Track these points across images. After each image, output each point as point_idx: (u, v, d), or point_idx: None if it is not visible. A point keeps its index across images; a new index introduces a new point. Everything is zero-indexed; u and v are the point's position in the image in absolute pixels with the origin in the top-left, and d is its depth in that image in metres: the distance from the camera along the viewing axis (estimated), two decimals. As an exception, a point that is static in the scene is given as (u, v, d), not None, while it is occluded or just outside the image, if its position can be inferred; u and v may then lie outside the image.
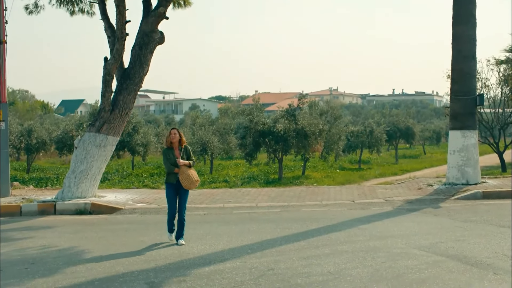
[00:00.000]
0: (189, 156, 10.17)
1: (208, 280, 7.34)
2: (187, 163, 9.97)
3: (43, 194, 16.26)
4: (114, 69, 14.98)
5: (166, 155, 10.07)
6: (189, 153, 10.22)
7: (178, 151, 10.05)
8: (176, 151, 10.05)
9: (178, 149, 10.08)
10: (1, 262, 8.66)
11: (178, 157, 9.96)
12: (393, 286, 6.95)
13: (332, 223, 11.62)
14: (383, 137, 32.96)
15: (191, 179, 9.85)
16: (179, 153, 10.02)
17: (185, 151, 10.11)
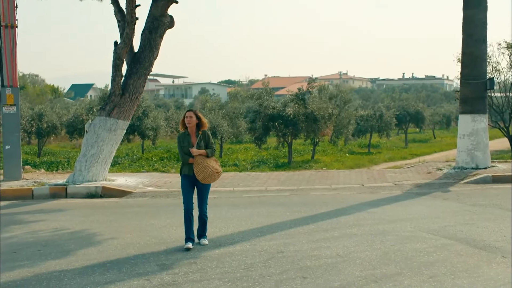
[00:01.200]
0: (207, 143, 8.58)
1: (218, 262, 7.42)
2: (203, 153, 8.40)
3: (55, 177, 16.39)
4: (124, 53, 15.02)
5: (180, 141, 8.64)
6: (208, 139, 8.62)
7: (194, 137, 8.56)
8: (193, 137, 8.56)
9: (195, 134, 8.57)
10: (15, 244, 8.78)
11: (195, 144, 8.49)
12: (402, 268, 7.01)
13: (341, 206, 11.67)
14: (392, 121, 32.93)
15: (208, 172, 8.32)
16: (195, 140, 8.54)
17: (203, 137, 8.54)
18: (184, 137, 8.61)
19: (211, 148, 8.55)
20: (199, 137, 8.54)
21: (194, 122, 8.52)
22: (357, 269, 6.99)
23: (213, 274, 6.93)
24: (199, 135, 8.55)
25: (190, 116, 8.57)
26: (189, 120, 8.52)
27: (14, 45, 15.59)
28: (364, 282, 6.50)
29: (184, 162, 8.54)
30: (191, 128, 8.54)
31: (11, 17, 15.50)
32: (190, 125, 8.51)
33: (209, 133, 8.63)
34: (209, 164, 8.38)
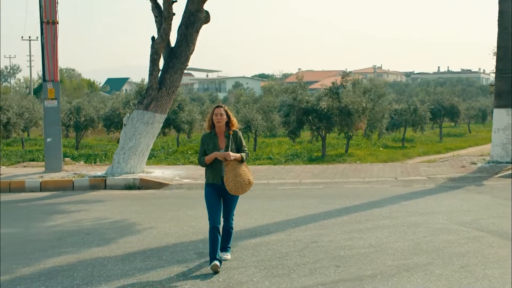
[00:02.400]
0: (240, 146, 7.27)
1: (254, 251, 7.68)
2: (238, 157, 7.09)
3: (93, 169, 16.82)
4: (161, 48, 15.34)
5: (204, 143, 7.26)
6: (240, 142, 7.30)
7: (223, 138, 7.21)
8: (221, 138, 7.22)
9: (224, 135, 7.22)
10: (59, 232, 9.16)
11: (222, 147, 7.17)
12: (433, 258, 7.18)
13: (375, 199, 11.83)
14: (427, 115, 32.76)
15: (239, 181, 7.01)
16: (224, 142, 7.20)
17: (234, 140, 7.23)
18: (210, 138, 7.24)
19: (245, 152, 7.26)
20: (230, 139, 7.20)
21: (224, 121, 7.18)
22: (389, 259, 7.18)
23: (249, 262, 7.19)
24: (229, 136, 7.21)
25: (220, 114, 7.17)
26: (219, 119, 7.14)
27: (55, 41, 16.03)
28: (396, 271, 6.69)
29: (207, 167, 7.26)
30: (220, 128, 7.19)
31: (52, 14, 15.93)
32: (220, 124, 7.15)
33: (241, 134, 7.36)
34: (241, 172, 7.07)
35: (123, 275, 6.71)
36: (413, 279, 6.41)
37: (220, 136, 7.23)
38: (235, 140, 7.26)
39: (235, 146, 7.24)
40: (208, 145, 7.23)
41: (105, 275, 6.71)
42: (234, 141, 7.24)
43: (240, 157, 7.13)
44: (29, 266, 7.15)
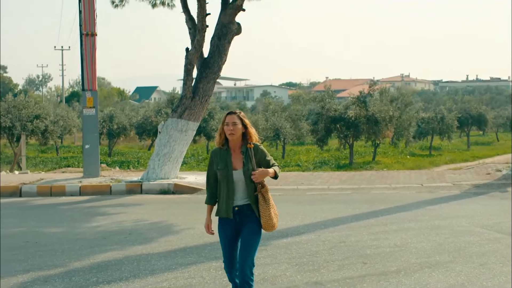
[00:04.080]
0: (264, 162, 5.51)
1: (286, 250, 8.24)
2: (271, 174, 5.43)
3: (129, 175, 17.51)
4: (195, 58, 16.00)
5: (214, 162, 5.56)
6: (264, 156, 5.53)
7: (239, 154, 5.48)
8: (236, 155, 5.49)
9: (239, 151, 5.50)
10: (103, 232, 9.82)
11: (238, 167, 5.44)
12: (454, 257, 7.67)
13: (400, 204, 12.31)
14: (454, 124, 32.99)
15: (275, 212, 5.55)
16: (240, 160, 5.46)
17: (255, 155, 5.47)
18: (221, 155, 5.51)
19: (275, 165, 5.60)
20: (247, 155, 5.45)
21: (240, 132, 5.46)
22: (413, 257, 7.69)
23: (282, 259, 7.74)
24: (247, 151, 5.46)
25: (233, 123, 5.44)
26: (232, 129, 5.42)
27: (94, 52, 16.79)
28: (419, 267, 7.20)
29: (219, 191, 5.54)
30: (234, 141, 5.48)
31: (91, 26, 16.70)
32: (234, 136, 5.44)
33: (263, 148, 5.59)
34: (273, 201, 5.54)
35: (166, 269, 7.32)
36: (434, 274, 6.92)
37: (234, 153, 5.50)
38: (258, 156, 5.49)
39: (258, 164, 5.48)
40: (218, 164, 5.47)
41: (150, 269, 7.32)
42: (256, 157, 5.48)
43: (273, 173, 5.47)
44: (80, 261, 7.80)
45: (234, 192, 5.45)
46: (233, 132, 5.43)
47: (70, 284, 6.80)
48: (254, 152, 5.50)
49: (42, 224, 10.55)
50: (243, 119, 5.52)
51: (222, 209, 5.54)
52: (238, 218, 5.46)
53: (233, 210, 5.45)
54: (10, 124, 22.41)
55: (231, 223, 5.49)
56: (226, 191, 5.47)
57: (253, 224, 5.44)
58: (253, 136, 5.55)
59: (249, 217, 5.45)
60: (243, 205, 5.45)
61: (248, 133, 5.53)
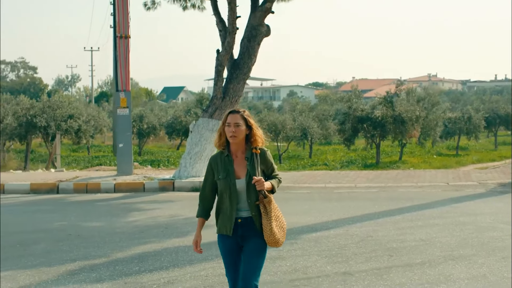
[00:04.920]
0: (269, 172, 4.97)
1: (316, 243, 8.64)
2: (268, 187, 4.81)
3: (161, 173, 18.04)
4: (225, 60, 16.45)
5: (213, 169, 4.96)
6: (271, 166, 4.98)
7: (243, 161, 4.89)
8: (239, 161, 4.91)
9: (243, 156, 4.91)
10: (140, 226, 10.32)
11: (241, 175, 4.87)
12: (477, 251, 8.02)
13: (426, 201, 12.62)
14: (481, 124, 33.04)
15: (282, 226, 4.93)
16: (244, 167, 4.87)
17: (262, 162, 4.91)
18: (222, 161, 4.92)
19: (276, 178, 4.97)
20: (253, 162, 4.86)
21: (243, 134, 4.86)
22: (437, 250, 8.05)
23: (312, 251, 8.15)
24: (253, 157, 4.88)
25: (236, 123, 4.83)
26: (234, 131, 4.82)
27: (128, 54, 17.33)
28: (443, 260, 7.57)
29: (217, 204, 5.01)
30: (237, 145, 4.90)
31: (125, 29, 17.25)
32: (236, 139, 4.85)
33: (270, 154, 5.01)
34: (279, 212, 4.94)
35: (203, 260, 7.78)
36: (457, 266, 7.29)
37: (237, 158, 4.91)
38: (264, 163, 4.92)
39: (263, 172, 4.92)
40: (219, 173, 4.88)
41: (188, 260, 7.79)
42: (261, 164, 4.90)
43: (271, 187, 4.85)
44: (121, 252, 8.30)
45: (237, 204, 4.85)
46: (235, 135, 4.80)
47: (114, 272, 7.30)
48: (261, 159, 4.89)
49: (82, 219, 11.08)
50: (247, 119, 4.87)
51: (223, 225, 4.94)
52: (241, 232, 4.85)
53: (235, 222, 4.86)
54: (45, 124, 23.10)
55: (233, 237, 4.91)
56: (229, 203, 4.85)
57: (257, 238, 4.82)
58: (258, 139, 4.89)
59: (253, 230, 4.84)
60: (248, 217, 4.84)
61: (252, 135, 4.88)
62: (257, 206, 4.78)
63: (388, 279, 6.81)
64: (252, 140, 4.88)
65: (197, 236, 5.12)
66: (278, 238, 4.78)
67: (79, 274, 7.23)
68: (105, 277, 7.12)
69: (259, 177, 4.72)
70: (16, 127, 23.33)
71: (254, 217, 4.81)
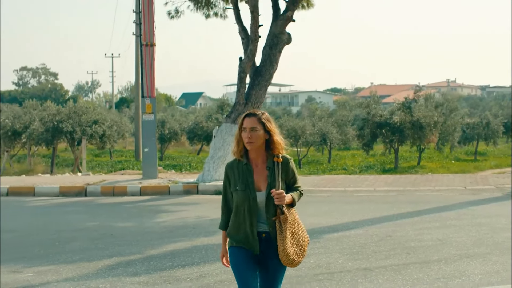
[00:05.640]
0: (291, 183, 4.59)
1: (337, 242, 9.10)
2: (287, 200, 4.41)
3: (185, 177, 18.57)
4: (248, 67, 16.96)
5: (230, 179, 4.58)
6: (293, 176, 4.58)
7: (263, 170, 4.50)
8: (259, 170, 4.50)
9: (265, 165, 4.51)
10: (169, 227, 10.83)
11: (261, 187, 4.48)
12: (492, 250, 8.44)
13: (444, 204, 13.03)
14: (500, 129, 33.24)
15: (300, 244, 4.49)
16: (265, 178, 4.48)
17: (284, 171, 4.50)
18: (240, 170, 4.53)
19: (298, 191, 4.60)
20: (274, 172, 4.45)
21: (261, 140, 4.46)
22: (453, 249, 8.48)
23: (334, 250, 8.61)
24: (274, 167, 4.46)
25: (252, 128, 4.45)
26: (250, 137, 4.43)
27: (153, 62, 17.90)
28: (458, 258, 8.00)
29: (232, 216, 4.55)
30: (256, 151, 4.50)
31: (150, 37, 17.82)
32: (253, 145, 4.45)
33: (293, 164, 4.59)
34: (298, 227, 4.52)
35: (231, 257, 8.25)
36: (472, 263, 7.71)
37: (257, 168, 4.50)
38: (286, 174, 4.50)
39: (285, 183, 4.52)
40: (236, 184, 4.49)
41: (217, 256, 8.25)
42: (283, 174, 4.48)
43: (291, 201, 4.47)
44: (154, 249, 8.81)
45: (258, 218, 4.44)
46: (251, 141, 4.39)
47: (149, 267, 7.81)
48: (283, 168, 4.45)
49: (112, 220, 11.63)
50: (265, 123, 4.44)
51: (241, 237, 4.46)
52: (263, 248, 4.43)
53: (260, 236, 4.43)
54: (71, 129, 23.73)
55: (248, 254, 4.45)
56: (248, 217, 4.41)
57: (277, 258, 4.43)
58: (278, 145, 4.47)
59: (273, 248, 4.42)
60: (267, 232, 4.44)
61: (272, 142, 4.45)
62: (274, 222, 4.40)
63: (406, 274, 7.26)
64: (271, 147, 4.46)
65: (224, 250, 4.69)
66: (292, 258, 4.34)
67: (116, 269, 7.75)
68: (141, 271, 7.63)
69: (280, 191, 4.33)
70: (43, 132, 23.97)
71: (271, 233, 4.41)
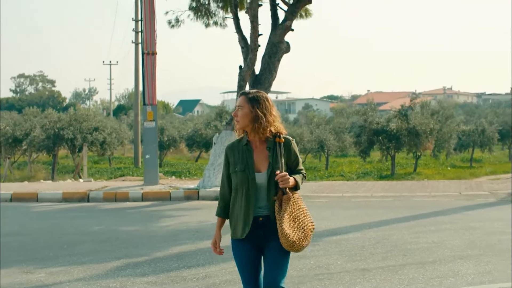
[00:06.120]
0: (294, 166, 4.49)
1: (336, 245, 9.44)
2: (291, 183, 4.31)
3: (185, 183, 18.90)
4: (248, 76, 17.33)
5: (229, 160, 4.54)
6: (296, 158, 4.49)
7: (264, 151, 4.40)
8: (259, 151, 4.42)
9: (266, 146, 4.40)
10: (172, 230, 11.16)
11: (262, 168, 4.39)
12: (484, 251, 8.80)
13: (439, 209, 13.38)
14: (495, 136, 33.64)
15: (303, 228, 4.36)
16: (265, 159, 4.39)
17: (286, 153, 4.41)
18: (240, 151, 4.45)
19: (301, 173, 4.49)
20: (273, 153, 4.35)
21: (247, 119, 4.37)
22: (447, 251, 8.83)
23: (333, 252, 8.96)
24: (275, 147, 4.35)
25: (239, 106, 4.42)
26: (236, 115, 4.46)
27: (154, 70, 18.26)
28: (452, 259, 8.35)
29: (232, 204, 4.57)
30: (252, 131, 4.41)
31: (152, 46, 18.18)
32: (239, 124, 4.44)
33: (295, 145, 4.49)
34: (301, 211, 4.38)
35: (235, 258, 8.59)
36: (465, 264, 8.06)
37: (257, 149, 4.38)
38: (288, 155, 4.38)
39: (287, 166, 4.39)
40: (236, 165, 4.39)
41: (221, 258, 8.54)
42: (285, 156, 4.36)
43: (294, 184, 4.34)
44: (160, 252, 9.14)
45: (256, 202, 4.34)
46: (237, 119, 4.36)
47: (156, 268, 8.14)
48: (285, 149, 4.32)
49: (117, 224, 11.96)
50: (252, 103, 4.30)
51: (239, 228, 4.43)
52: (262, 232, 4.35)
53: (257, 221, 4.35)
54: (72, 136, 24.05)
55: (253, 238, 4.40)
56: (245, 200, 4.33)
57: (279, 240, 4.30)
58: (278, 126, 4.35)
59: (275, 231, 4.30)
60: (268, 215, 4.35)
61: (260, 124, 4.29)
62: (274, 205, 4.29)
63: (403, 274, 7.60)
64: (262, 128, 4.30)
65: (216, 236, 4.68)
66: (292, 240, 4.18)
67: (125, 270, 8.07)
68: (148, 272, 7.95)
69: (284, 173, 4.22)
70: (44, 139, 24.29)
71: (271, 217, 4.33)
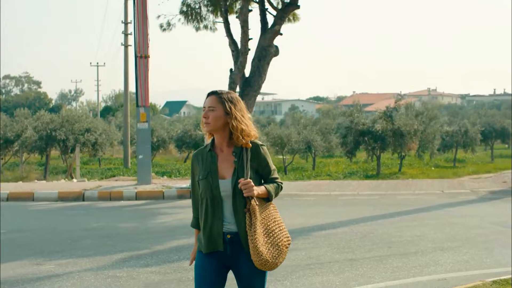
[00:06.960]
0: (265, 173, 4.00)
1: (325, 238, 10.05)
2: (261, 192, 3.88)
3: (177, 182, 19.44)
4: (238, 78, 17.91)
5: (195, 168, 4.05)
6: (266, 164, 3.98)
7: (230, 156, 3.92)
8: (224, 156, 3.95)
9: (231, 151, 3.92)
10: (169, 226, 11.72)
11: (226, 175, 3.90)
12: (463, 243, 9.46)
13: (422, 206, 14.04)
14: (477, 137, 34.40)
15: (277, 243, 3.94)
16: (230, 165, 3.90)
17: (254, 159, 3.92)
18: (204, 158, 4.00)
19: (275, 182, 4.02)
20: (242, 158, 3.89)
21: (220, 121, 3.88)
22: (429, 243, 9.48)
23: (323, 245, 9.56)
24: (241, 153, 3.89)
25: (210, 107, 3.88)
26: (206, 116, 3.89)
27: (147, 72, 18.78)
28: (433, 250, 8.99)
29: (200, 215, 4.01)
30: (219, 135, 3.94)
31: (145, 49, 18.71)
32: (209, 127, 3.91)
33: (266, 150, 3.99)
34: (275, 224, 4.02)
35: (231, 251, 9.17)
36: (445, 254, 8.70)
37: (222, 154, 3.95)
38: (257, 161, 3.92)
39: (255, 173, 3.93)
40: (200, 173, 3.94)
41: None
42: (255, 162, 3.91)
43: (265, 193, 3.91)
44: (160, 245, 9.70)
45: (222, 215, 3.85)
46: (207, 121, 3.84)
47: (158, 260, 8.70)
48: (253, 155, 3.86)
49: (115, 221, 12.50)
50: (225, 104, 3.83)
51: (206, 241, 3.88)
52: (230, 251, 3.85)
53: (224, 238, 3.84)
54: (64, 137, 24.49)
55: (219, 256, 3.89)
56: (211, 211, 3.84)
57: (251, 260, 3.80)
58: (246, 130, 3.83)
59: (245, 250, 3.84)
60: (236, 232, 3.85)
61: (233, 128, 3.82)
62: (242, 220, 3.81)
63: (387, 264, 8.21)
64: (235, 132, 3.82)
65: (194, 252, 4.15)
66: (265, 258, 3.72)
67: (129, 261, 8.62)
68: (151, 263, 8.51)
69: (248, 180, 3.76)
70: (36, 140, 24.70)
71: (240, 234, 3.81)
